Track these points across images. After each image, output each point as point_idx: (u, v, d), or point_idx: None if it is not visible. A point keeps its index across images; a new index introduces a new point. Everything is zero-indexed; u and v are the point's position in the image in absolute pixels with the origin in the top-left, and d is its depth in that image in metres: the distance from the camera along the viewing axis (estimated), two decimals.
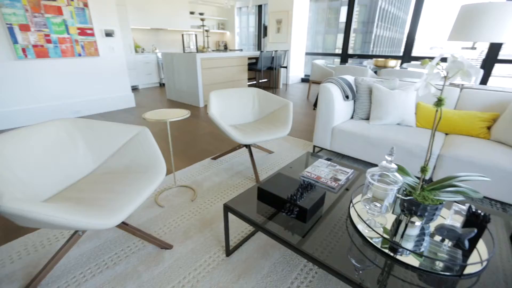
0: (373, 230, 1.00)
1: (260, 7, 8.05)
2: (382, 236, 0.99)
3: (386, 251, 0.94)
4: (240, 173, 2.16)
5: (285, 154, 2.52)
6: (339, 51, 6.44)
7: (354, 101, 2.35)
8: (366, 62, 5.18)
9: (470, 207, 0.89)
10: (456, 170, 1.69)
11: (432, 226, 1.03)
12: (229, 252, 1.34)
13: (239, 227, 1.53)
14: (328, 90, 2.15)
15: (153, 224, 1.57)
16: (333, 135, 2.22)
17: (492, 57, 3.92)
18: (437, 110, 0.86)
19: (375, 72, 3.87)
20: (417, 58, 5.03)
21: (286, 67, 5.91)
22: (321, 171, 1.43)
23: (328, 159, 1.61)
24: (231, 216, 1.61)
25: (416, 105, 2.17)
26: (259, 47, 8.67)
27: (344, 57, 6.28)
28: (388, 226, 1.05)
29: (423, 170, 0.95)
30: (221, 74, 4.67)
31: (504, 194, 1.58)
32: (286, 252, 1.35)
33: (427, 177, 1.85)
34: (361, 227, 1.06)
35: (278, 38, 6.64)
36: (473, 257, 0.91)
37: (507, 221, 1.12)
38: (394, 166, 0.96)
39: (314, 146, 2.43)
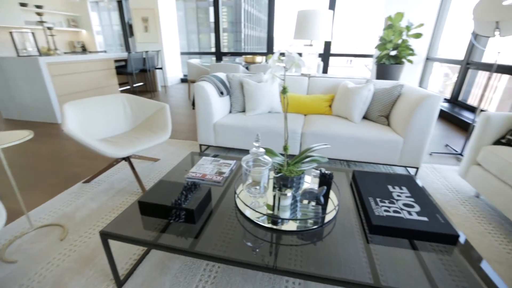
0: (256, 211, 1.11)
1: (120, 3, 7.20)
2: (263, 214, 1.10)
3: (270, 225, 1.06)
4: (123, 190, 1.91)
5: (172, 158, 2.41)
6: (214, 49, 6.66)
7: (230, 96, 2.50)
8: (238, 59, 5.60)
9: (320, 170, 1.13)
10: (315, 142, 2.10)
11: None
12: (120, 283, 1.17)
13: (130, 250, 1.36)
14: (203, 89, 2.18)
15: None
16: (215, 131, 2.30)
17: (326, 52, 5.06)
18: (284, 97, 1.03)
19: (247, 68, 4.24)
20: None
21: (161, 68, 5.60)
22: (206, 168, 1.45)
23: (215, 155, 1.65)
24: (115, 242, 1.41)
25: (280, 94, 2.53)
26: (127, 47, 7.80)
27: (219, 55, 6.56)
28: (271, 203, 1.19)
29: (285, 148, 1.12)
30: (82, 81, 3.92)
31: (346, 154, 2.09)
32: (186, 258, 1.31)
33: (296, 153, 2.21)
34: (248, 212, 1.15)
35: (148, 37, 6.18)
36: (329, 207, 1.16)
37: (347, 173, 1.49)
38: (262, 150, 1.08)
39: (200, 145, 2.44)
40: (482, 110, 3.14)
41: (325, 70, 5.12)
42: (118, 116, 2.12)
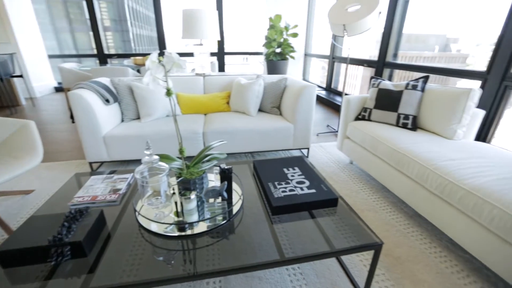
0: (162, 222, 1.04)
1: None
2: (170, 223, 1.05)
3: (180, 233, 1.01)
4: None
5: (52, 186, 1.97)
6: (96, 51, 5.75)
7: (119, 103, 2.23)
8: (126, 61, 5.05)
9: (220, 167, 1.16)
10: (218, 140, 2.12)
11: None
12: None
13: None
14: (81, 98, 1.86)
15: None
16: (107, 145, 2.01)
17: (221, 51, 5.19)
18: (170, 99, 0.99)
19: (138, 71, 3.88)
20: None
21: (21, 75, 4.43)
22: (97, 188, 1.25)
23: (112, 172, 1.45)
24: None
25: (176, 95, 2.43)
26: None
27: (102, 58, 5.73)
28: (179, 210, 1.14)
29: (180, 151, 1.09)
30: None
31: (248, 146, 2.23)
32: None
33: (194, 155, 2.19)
34: (154, 225, 1.06)
35: None
36: (235, 199, 1.21)
37: (249, 164, 1.59)
38: (155, 157, 1.02)
39: (90, 163, 2.09)
40: (346, 94, 3.92)
41: (222, 69, 5.25)
42: None
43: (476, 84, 2.15)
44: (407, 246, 1.42)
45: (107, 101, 2.05)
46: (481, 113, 1.75)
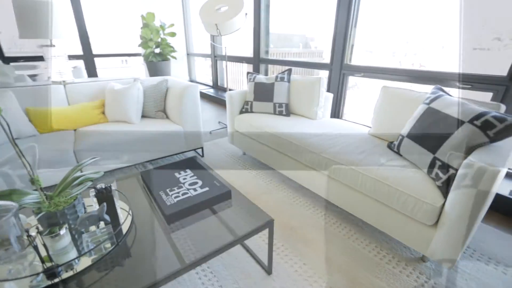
0: (20, 278, 0.81)
1: None
2: (37, 273, 0.83)
3: (51, 282, 0.82)
4: None
5: None
6: None
7: None
8: None
9: (95, 188, 1.00)
10: (87, 156, 1.82)
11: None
12: None
13: None
14: None
15: None
16: None
17: (88, 53, 4.41)
18: None
19: None
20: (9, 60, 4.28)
21: None
22: None
23: None
24: None
25: (25, 111, 1.91)
26: None
27: None
28: (45, 253, 0.91)
29: (33, 181, 0.87)
30: None
31: (138, 157, 2.03)
32: None
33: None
34: (11, 286, 0.82)
35: None
36: (123, 218, 1.08)
37: (138, 176, 1.45)
38: None
39: None
40: (230, 90, 4.15)
41: (93, 74, 4.47)
42: None
43: (326, 73, 2.70)
44: (297, 215, 1.66)
45: None
46: (331, 95, 2.22)
